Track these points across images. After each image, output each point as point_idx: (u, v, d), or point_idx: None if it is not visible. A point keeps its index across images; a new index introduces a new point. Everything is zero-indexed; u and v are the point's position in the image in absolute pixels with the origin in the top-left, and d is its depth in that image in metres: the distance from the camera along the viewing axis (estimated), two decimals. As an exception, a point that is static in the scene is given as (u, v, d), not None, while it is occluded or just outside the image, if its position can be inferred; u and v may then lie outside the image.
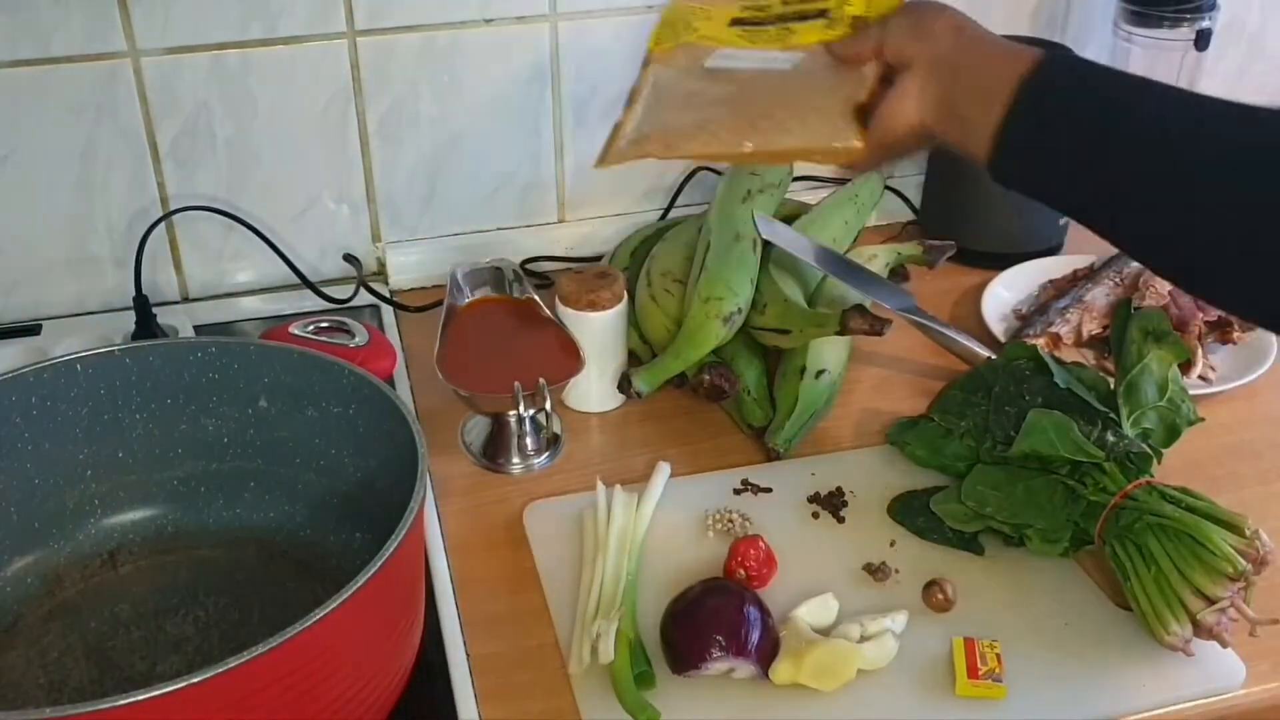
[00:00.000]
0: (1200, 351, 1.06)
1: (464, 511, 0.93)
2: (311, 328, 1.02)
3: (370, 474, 0.81)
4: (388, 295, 1.14)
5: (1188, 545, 0.78)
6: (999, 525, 0.87)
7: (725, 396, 1.00)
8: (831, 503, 0.92)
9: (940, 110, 0.73)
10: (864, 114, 0.80)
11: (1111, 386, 0.94)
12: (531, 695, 0.78)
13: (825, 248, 1.07)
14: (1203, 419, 0.94)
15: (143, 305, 1.05)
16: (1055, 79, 0.69)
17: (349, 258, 1.18)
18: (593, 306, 0.98)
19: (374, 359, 1.01)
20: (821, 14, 0.99)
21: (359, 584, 0.61)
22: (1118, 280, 1.13)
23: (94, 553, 0.84)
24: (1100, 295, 1.12)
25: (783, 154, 0.86)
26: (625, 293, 1.01)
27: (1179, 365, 0.96)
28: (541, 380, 0.91)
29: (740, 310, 1.00)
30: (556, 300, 1.00)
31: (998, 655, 0.78)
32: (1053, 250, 1.26)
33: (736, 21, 1.00)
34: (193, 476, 0.86)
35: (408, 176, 1.18)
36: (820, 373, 1.01)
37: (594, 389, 1.02)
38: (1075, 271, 1.18)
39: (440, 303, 1.02)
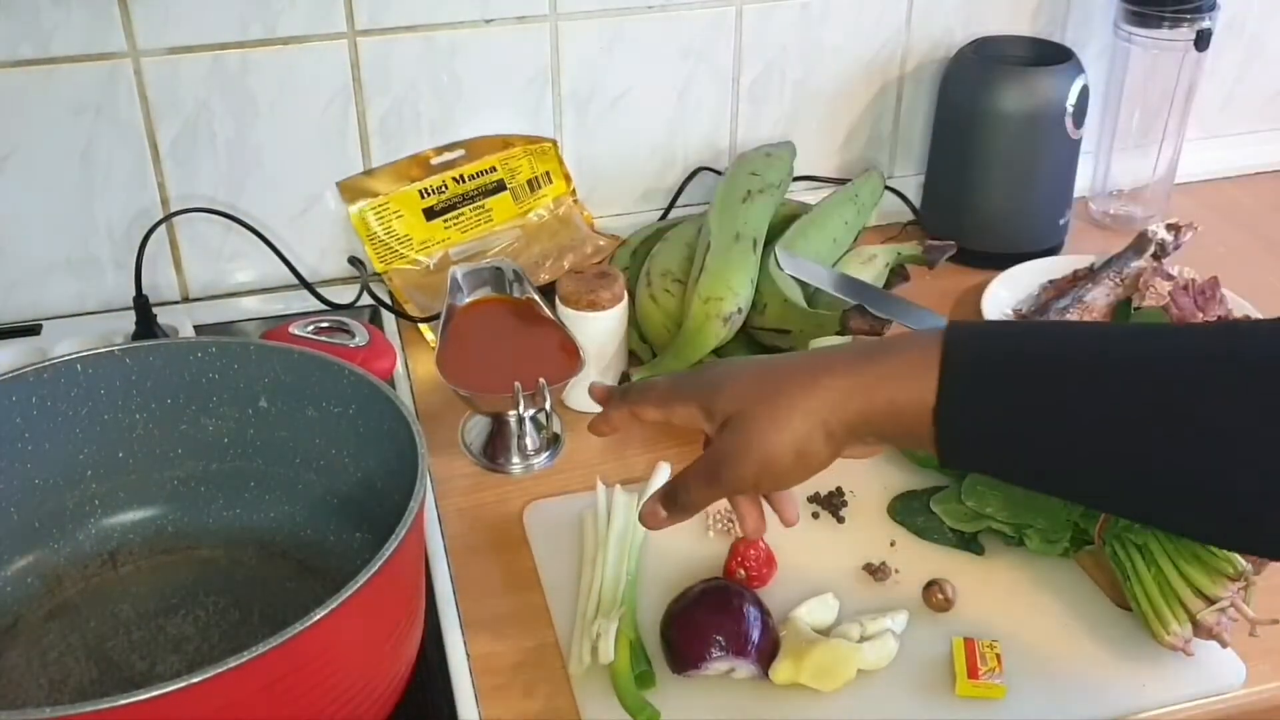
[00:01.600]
0: (1200, 351, 1.06)
1: (464, 511, 0.93)
2: (311, 328, 1.02)
3: (370, 474, 0.81)
4: (389, 300, 1.14)
5: (1188, 545, 0.78)
6: (999, 525, 0.87)
7: (725, 396, 1.00)
8: (831, 503, 0.92)
9: (846, 403, 0.65)
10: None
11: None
12: (531, 695, 0.78)
13: (847, 276, 1.06)
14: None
15: (143, 305, 1.05)
16: (964, 398, 0.62)
17: (353, 260, 1.18)
18: (593, 306, 0.98)
19: (374, 359, 1.01)
20: (500, 186, 1.13)
21: (359, 584, 0.61)
22: (1118, 280, 1.13)
23: (94, 553, 0.84)
24: (1100, 295, 1.12)
25: None
26: (625, 293, 1.01)
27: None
28: (541, 380, 0.91)
29: (740, 310, 1.00)
30: (557, 300, 0.99)
31: (998, 655, 0.78)
32: (1053, 250, 1.26)
33: (431, 214, 1.14)
34: (193, 476, 0.86)
35: (408, 176, 1.18)
36: (820, 373, 1.01)
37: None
38: (1075, 271, 1.18)
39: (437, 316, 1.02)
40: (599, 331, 0.99)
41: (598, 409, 0.95)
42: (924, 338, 0.64)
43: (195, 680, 0.56)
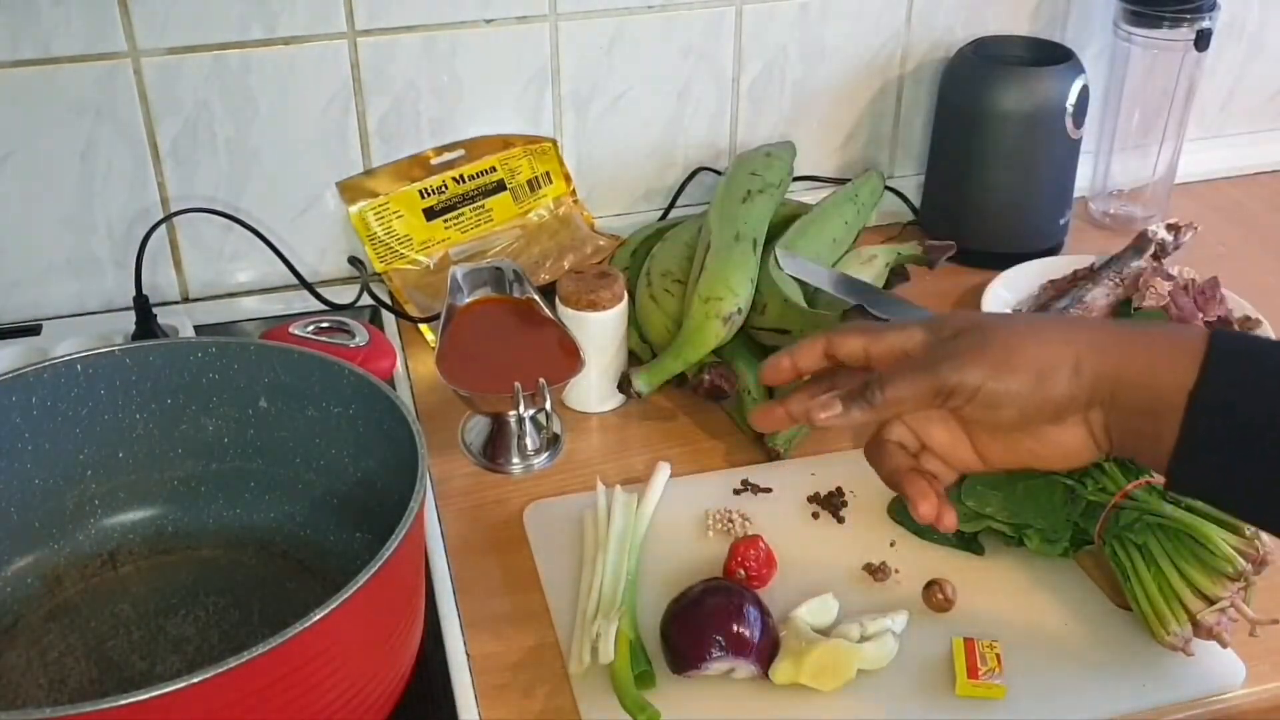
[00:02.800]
0: (1200, 351, 1.06)
1: (464, 511, 0.93)
2: (311, 328, 1.02)
3: (370, 474, 0.81)
4: (389, 300, 1.14)
5: (1188, 545, 0.78)
6: (999, 525, 0.87)
7: (725, 396, 1.00)
8: (831, 503, 0.92)
9: (1097, 356, 0.60)
10: None
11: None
12: (531, 695, 0.78)
13: (847, 276, 1.06)
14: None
15: (143, 305, 1.05)
16: (1224, 389, 0.58)
17: (353, 260, 1.18)
18: (593, 306, 0.98)
19: (374, 359, 1.01)
20: (500, 186, 1.13)
21: (359, 584, 0.61)
22: (1118, 280, 1.13)
23: (94, 553, 0.84)
24: (1100, 295, 1.12)
25: None
26: (625, 293, 1.01)
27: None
28: (541, 380, 0.91)
29: (740, 310, 1.00)
30: (557, 300, 0.99)
31: (998, 655, 0.78)
32: (1053, 250, 1.26)
33: (431, 214, 1.14)
34: (193, 476, 0.86)
35: (408, 176, 1.18)
36: (820, 373, 1.01)
37: (594, 389, 1.02)
38: (1075, 271, 1.18)
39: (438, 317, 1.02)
40: (599, 331, 0.99)
41: (598, 410, 0.94)
42: (1189, 328, 0.61)
43: (195, 680, 0.56)
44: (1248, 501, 0.61)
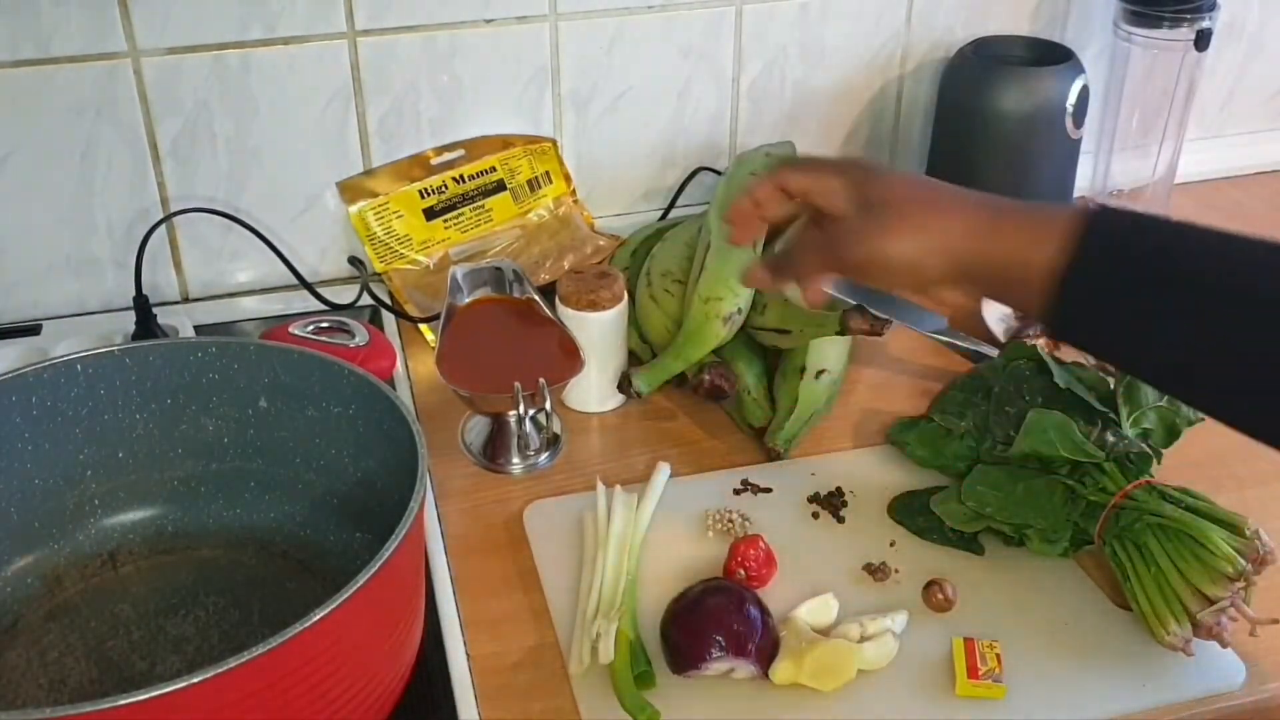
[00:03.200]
0: (1200, 351, 1.06)
1: (464, 511, 0.93)
2: (311, 328, 1.02)
3: (370, 474, 0.81)
4: (389, 300, 1.14)
5: (1188, 545, 0.79)
6: (999, 525, 0.87)
7: (725, 397, 1.00)
8: (831, 503, 0.92)
9: (974, 237, 0.68)
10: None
11: (1111, 387, 0.94)
12: (531, 695, 0.78)
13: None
14: (1203, 419, 0.94)
15: (143, 305, 1.05)
16: (1111, 229, 0.64)
17: (353, 260, 1.18)
18: (593, 306, 0.98)
19: (374, 359, 1.01)
20: (500, 186, 1.14)
21: (359, 584, 0.61)
22: (1118, 280, 1.13)
23: (94, 553, 0.84)
24: None
25: None
26: (625, 293, 1.01)
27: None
28: (541, 380, 0.91)
29: (740, 310, 1.00)
30: (557, 300, 1.00)
31: (998, 655, 0.78)
32: (1053, 250, 1.25)
33: (431, 214, 1.14)
34: (193, 476, 0.86)
35: (408, 176, 1.18)
36: (820, 373, 1.01)
37: (594, 389, 1.02)
38: (1075, 271, 1.18)
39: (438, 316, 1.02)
40: (599, 331, 0.99)
41: (598, 409, 0.95)
42: (1068, 209, 0.65)
43: (195, 680, 0.56)
44: (1129, 370, 0.73)
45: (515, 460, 0.98)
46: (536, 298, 1.00)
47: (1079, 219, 0.65)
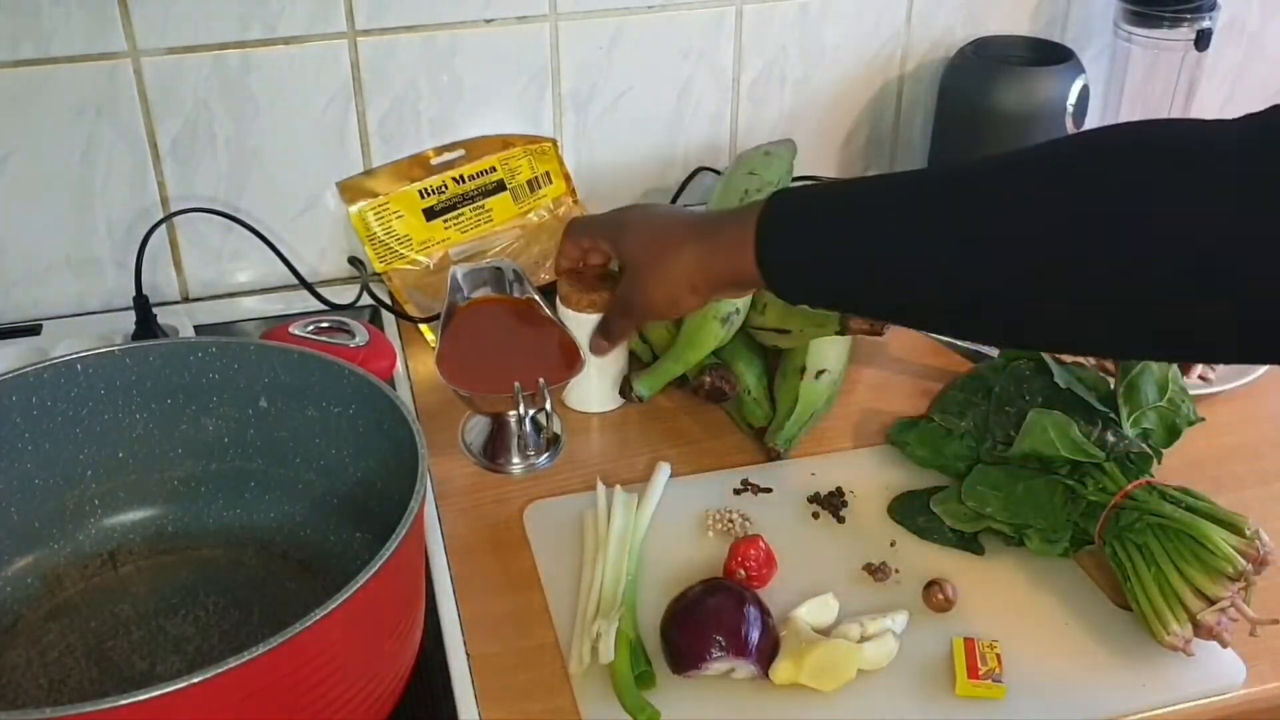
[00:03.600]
0: (1200, 351, 1.06)
1: (464, 511, 0.93)
2: (311, 328, 1.02)
3: (370, 474, 0.81)
4: (389, 300, 1.14)
5: (1188, 545, 0.79)
6: (999, 525, 0.87)
7: (726, 398, 1.00)
8: (831, 503, 0.92)
9: (699, 268, 0.81)
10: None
11: (1111, 387, 0.94)
12: (531, 695, 0.78)
13: None
14: (1203, 419, 0.94)
15: (143, 305, 1.05)
16: (783, 205, 0.76)
17: (353, 260, 1.18)
18: (593, 307, 0.98)
19: (374, 359, 1.01)
20: (500, 186, 1.15)
21: (359, 584, 0.61)
22: (1118, 280, 1.13)
23: (94, 553, 0.84)
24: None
25: None
26: None
27: (1179, 365, 0.96)
28: (541, 380, 0.91)
29: (739, 311, 1.00)
30: (557, 301, 1.00)
31: (998, 655, 0.78)
32: (1053, 250, 1.25)
33: (431, 214, 1.15)
34: (193, 476, 0.86)
35: (408, 176, 1.18)
36: (820, 373, 1.01)
37: (594, 389, 1.02)
38: (1075, 271, 1.18)
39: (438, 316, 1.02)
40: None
41: (598, 410, 0.98)
42: (749, 210, 0.76)
43: (195, 680, 0.56)
44: (855, 309, 0.87)
45: (515, 460, 0.98)
46: (536, 298, 1.00)
47: (756, 211, 0.76)
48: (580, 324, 0.98)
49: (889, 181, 0.75)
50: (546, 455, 0.99)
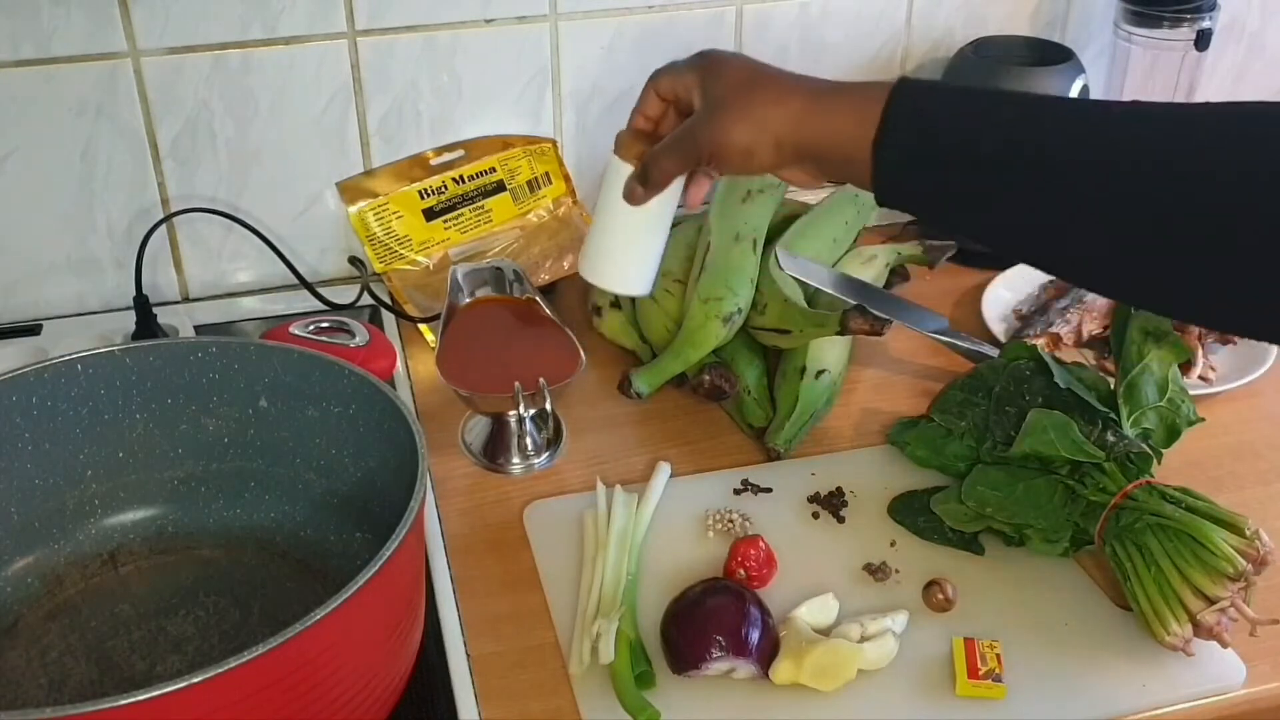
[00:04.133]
0: (1200, 352, 1.06)
1: (464, 511, 0.93)
2: (312, 328, 1.02)
3: (370, 474, 0.81)
4: (389, 300, 1.14)
5: (1188, 545, 0.79)
6: (999, 525, 0.87)
7: (725, 397, 1.00)
8: (831, 503, 0.92)
9: (797, 124, 0.73)
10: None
11: (1111, 387, 0.94)
12: (531, 695, 0.78)
13: (847, 276, 1.06)
14: (1203, 419, 0.94)
15: (143, 305, 1.05)
16: (918, 95, 0.70)
17: (353, 260, 1.18)
18: (639, 159, 0.82)
19: (374, 359, 1.01)
20: (500, 187, 1.14)
21: (359, 584, 0.61)
22: (1118, 280, 1.13)
23: (94, 553, 0.84)
24: (1101, 295, 1.12)
25: None
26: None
27: (1179, 365, 0.96)
28: (541, 380, 0.91)
29: (740, 310, 1.00)
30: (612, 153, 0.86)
31: (998, 655, 0.78)
32: (1053, 250, 1.25)
33: (431, 214, 1.14)
34: (193, 476, 0.86)
35: (408, 176, 1.18)
36: (820, 373, 1.01)
37: (619, 261, 0.87)
38: (1075, 271, 1.18)
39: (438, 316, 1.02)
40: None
41: (621, 291, 0.90)
42: (875, 86, 0.70)
43: (195, 680, 0.56)
44: (939, 218, 0.75)
45: (515, 460, 0.98)
46: (536, 298, 1.00)
47: (886, 92, 0.69)
48: (618, 176, 0.84)
49: (1042, 104, 0.69)
50: (546, 455, 0.99)
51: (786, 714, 0.76)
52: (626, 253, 0.87)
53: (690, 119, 0.77)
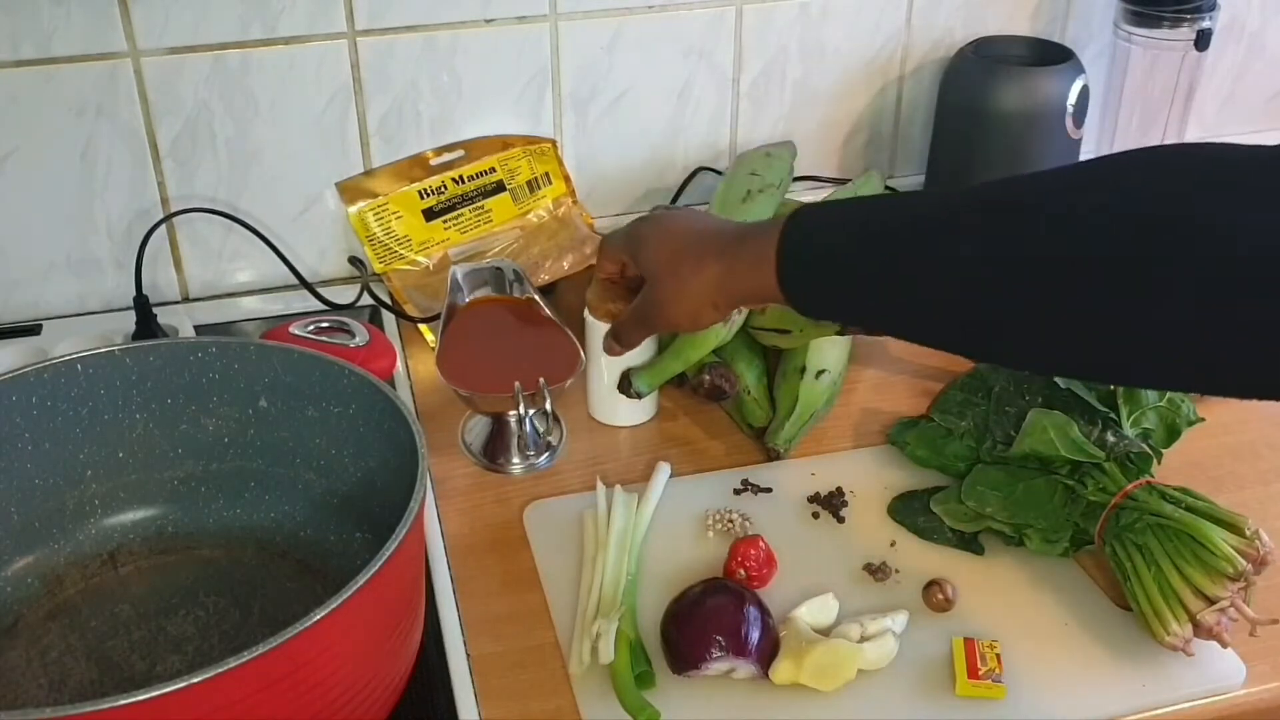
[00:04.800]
0: (1200, 351, 1.06)
1: (464, 511, 0.93)
2: (312, 328, 1.02)
3: (370, 474, 0.81)
4: (389, 300, 1.14)
5: (1188, 545, 0.79)
6: (999, 525, 0.87)
7: (725, 397, 1.00)
8: (831, 503, 0.92)
9: (720, 285, 0.80)
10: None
11: (1111, 387, 0.94)
12: (531, 695, 0.78)
13: None
14: (1203, 419, 0.94)
15: (143, 305, 1.05)
16: (803, 224, 0.75)
17: (353, 260, 1.18)
18: (610, 317, 0.96)
19: (374, 359, 1.01)
20: (500, 187, 1.14)
21: (359, 584, 0.61)
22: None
23: (94, 553, 0.84)
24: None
25: None
26: None
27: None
28: (541, 380, 0.91)
29: (740, 310, 1.00)
30: (586, 312, 0.97)
31: (998, 655, 0.78)
32: (1053, 250, 1.25)
33: (430, 214, 1.14)
34: (193, 476, 0.86)
35: (408, 176, 1.18)
36: (820, 373, 1.01)
37: (621, 402, 1.00)
38: (1075, 271, 1.18)
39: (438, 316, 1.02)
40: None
41: (625, 424, 1.00)
42: (770, 227, 0.76)
43: (195, 680, 0.56)
44: (858, 320, 0.84)
45: (515, 460, 0.98)
46: (536, 298, 1.00)
47: (779, 230, 0.75)
48: (600, 331, 0.95)
49: (913, 199, 0.74)
50: (546, 455, 0.99)
51: (786, 714, 0.76)
52: (615, 393, 0.99)
53: (642, 294, 0.86)
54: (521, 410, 0.92)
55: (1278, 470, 0.97)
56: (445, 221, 1.18)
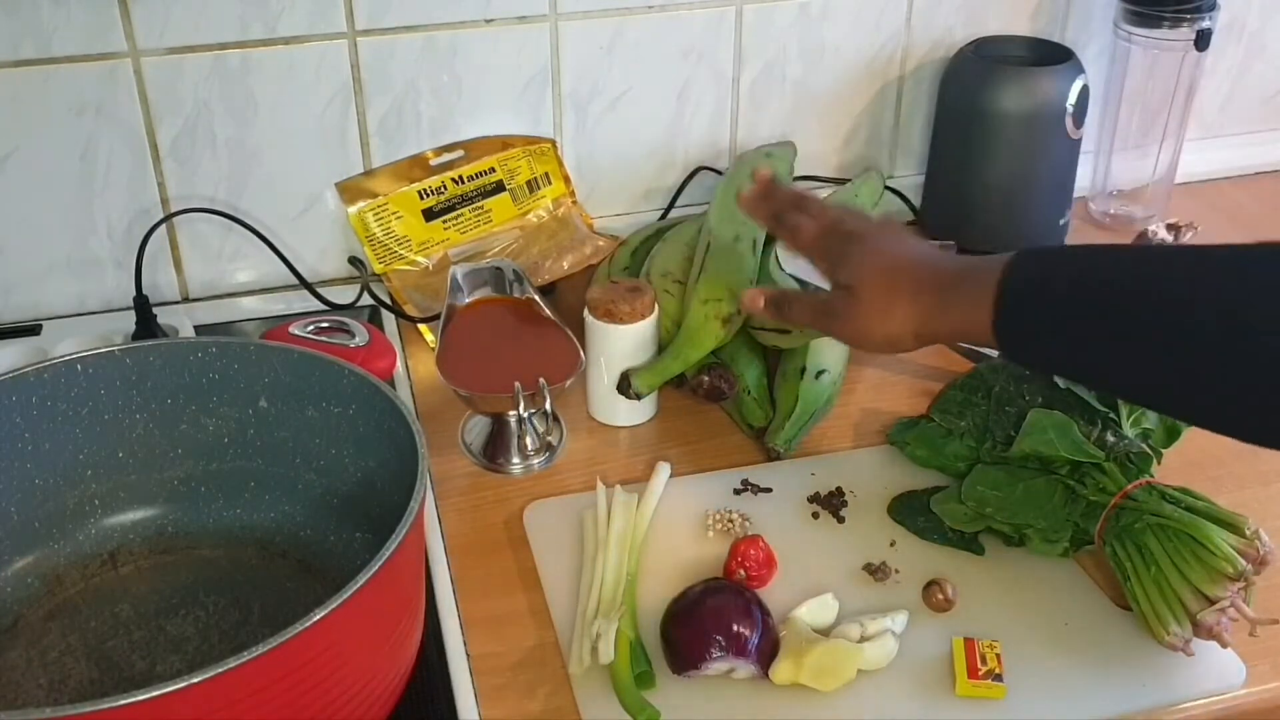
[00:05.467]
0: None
1: (464, 511, 0.93)
2: (312, 328, 1.02)
3: (370, 474, 0.81)
4: (389, 300, 1.14)
5: (1188, 545, 0.79)
6: (999, 525, 0.87)
7: (725, 398, 1.00)
8: (831, 503, 0.92)
9: (930, 318, 0.79)
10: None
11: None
12: (531, 695, 0.78)
13: None
14: (1203, 419, 0.94)
15: (143, 305, 1.05)
16: (1028, 269, 0.74)
17: (353, 260, 1.18)
18: (609, 317, 0.97)
19: (374, 359, 1.01)
20: (499, 187, 1.15)
21: (359, 584, 0.61)
22: (1118, 280, 1.13)
23: (94, 553, 0.84)
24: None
25: None
26: (655, 307, 0.99)
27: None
28: (541, 380, 0.91)
29: (739, 311, 1.00)
30: (585, 311, 0.98)
31: (998, 655, 0.78)
32: (1053, 250, 1.25)
33: (430, 214, 1.15)
34: (193, 476, 0.86)
35: (408, 176, 1.18)
36: (820, 373, 1.01)
37: (621, 402, 1.01)
38: (1075, 271, 1.18)
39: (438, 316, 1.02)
40: (620, 342, 0.98)
41: (625, 424, 0.98)
42: (989, 268, 0.74)
43: (195, 680, 0.56)
44: (1064, 374, 0.86)
45: (515, 460, 0.98)
46: (536, 298, 1.00)
47: (1000, 272, 0.74)
48: (602, 335, 0.97)
49: (1137, 257, 0.72)
50: (546, 455, 0.99)
51: (786, 714, 0.76)
52: (615, 393, 0.99)
53: (831, 300, 0.84)
54: (521, 410, 0.92)
55: (1278, 470, 0.97)
56: (445, 222, 1.18)
